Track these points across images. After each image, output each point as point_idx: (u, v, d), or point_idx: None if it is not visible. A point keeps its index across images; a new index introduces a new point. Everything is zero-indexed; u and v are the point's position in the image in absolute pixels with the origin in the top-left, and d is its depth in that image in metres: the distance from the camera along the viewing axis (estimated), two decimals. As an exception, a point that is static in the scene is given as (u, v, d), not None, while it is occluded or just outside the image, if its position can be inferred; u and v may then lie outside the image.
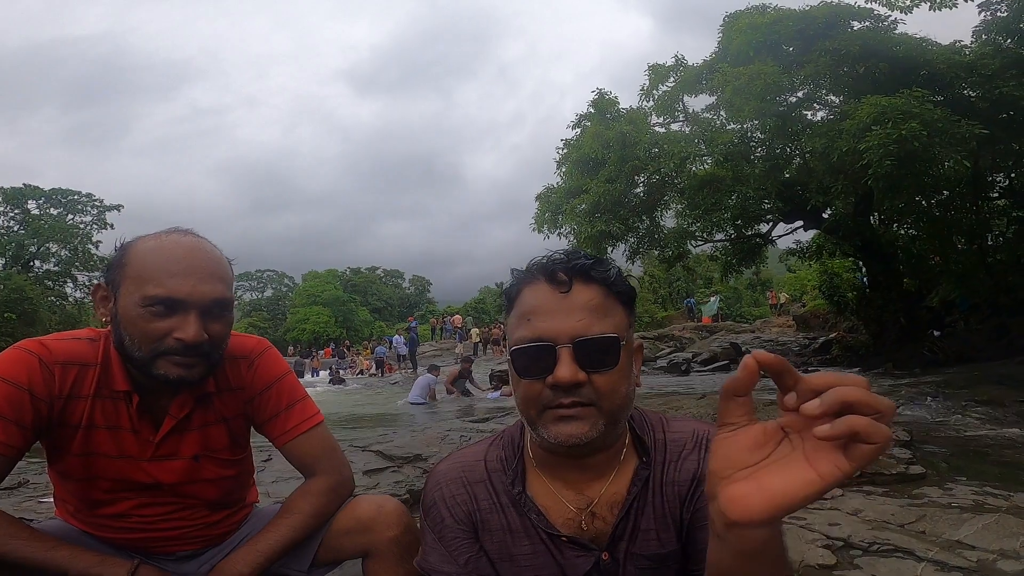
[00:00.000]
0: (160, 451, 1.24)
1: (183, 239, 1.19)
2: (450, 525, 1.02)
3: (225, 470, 1.33)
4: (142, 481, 1.24)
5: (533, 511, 0.98)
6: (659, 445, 1.00)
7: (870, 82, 10.24)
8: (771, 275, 39.42)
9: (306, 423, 1.34)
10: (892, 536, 2.48)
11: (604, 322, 0.89)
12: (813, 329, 18.71)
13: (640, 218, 13.53)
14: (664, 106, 13.50)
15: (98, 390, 1.20)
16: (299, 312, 53.29)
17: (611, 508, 0.96)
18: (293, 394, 1.35)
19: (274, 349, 1.39)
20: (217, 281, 1.17)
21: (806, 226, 14.02)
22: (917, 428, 4.67)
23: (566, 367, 0.86)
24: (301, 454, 1.34)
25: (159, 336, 1.12)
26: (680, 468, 0.97)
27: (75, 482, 1.25)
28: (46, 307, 32.78)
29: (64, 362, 1.19)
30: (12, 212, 38.88)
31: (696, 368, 15.21)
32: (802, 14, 11.55)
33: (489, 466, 1.04)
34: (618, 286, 0.93)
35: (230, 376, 1.30)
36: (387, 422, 6.69)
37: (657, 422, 1.03)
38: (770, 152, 12.42)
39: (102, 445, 1.21)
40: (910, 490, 3.08)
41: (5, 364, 1.16)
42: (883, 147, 8.44)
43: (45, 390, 1.16)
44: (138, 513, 1.26)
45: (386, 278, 72.74)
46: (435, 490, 1.05)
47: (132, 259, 1.16)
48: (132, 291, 1.13)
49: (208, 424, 1.28)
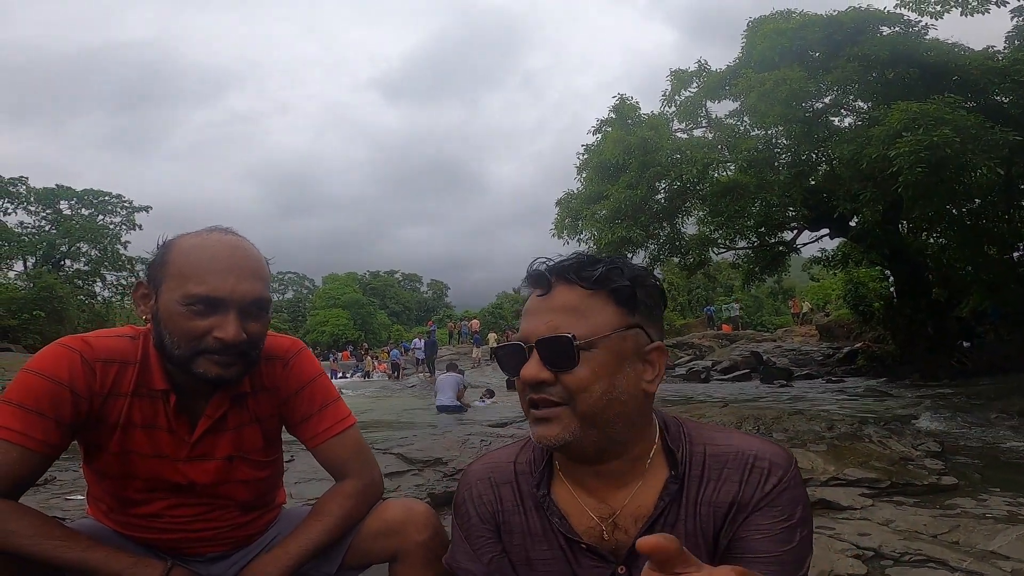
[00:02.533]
0: (195, 451, 1.24)
1: (224, 237, 1.19)
2: (476, 524, 1.03)
3: (258, 471, 1.32)
4: (176, 481, 1.24)
5: (556, 515, 0.97)
6: (696, 459, 0.94)
7: (900, 88, 10.06)
8: (793, 284, 38.83)
9: (339, 425, 1.34)
10: (924, 546, 2.42)
11: (576, 322, 0.88)
12: (837, 339, 18.35)
13: (661, 224, 13.45)
14: (686, 112, 13.43)
15: (136, 388, 1.20)
16: (319, 314, 53.85)
17: (635, 521, 0.93)
18: (327, 395, 1.34)
19: (308, 350, 1.39)
20: (257, 280, 1.17)
21: (832, 234, 13.80)
22: (948, 440, 4.56)
23: (529, 366, 0.89)
24: (333, 456, 1.33)
25: (199, 335, 1.12)
26: (719, 488, 0.91)
27: (110, 480, 1.25)
28: (75, 306, 33.60)
29: (105, 359, 1.18)
30: (44, 212, 39.99)
31: (716, 376, 15.02)
32: (829, 19, 11.41)
33: (518, 468, 1.04)
34: (606, 284, 0.90)
35: (265, 376, 1.29)
36: (408, 426, 6.71)
37: (697, 434, 0.97)
38: (795, 158, 12.25)
39: (138, 444, 1.21)
40: (942, 500, 3.01)
41: (46, 360, 1.15)
42: (914, 154, 8.28)
43: (86, 387, 1.16)
44: (171, 513, 1.26)
45: (404, 282, 73.25)
46: (465, 488, 1.06)
47: (174, 257, 1.15)
48: (173, 289, 1.13)
49: (243, 425, 1.28)
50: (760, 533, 0.87)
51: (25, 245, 38.25)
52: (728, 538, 0.90)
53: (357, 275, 62.79)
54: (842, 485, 3.23)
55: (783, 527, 0.87)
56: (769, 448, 0.93)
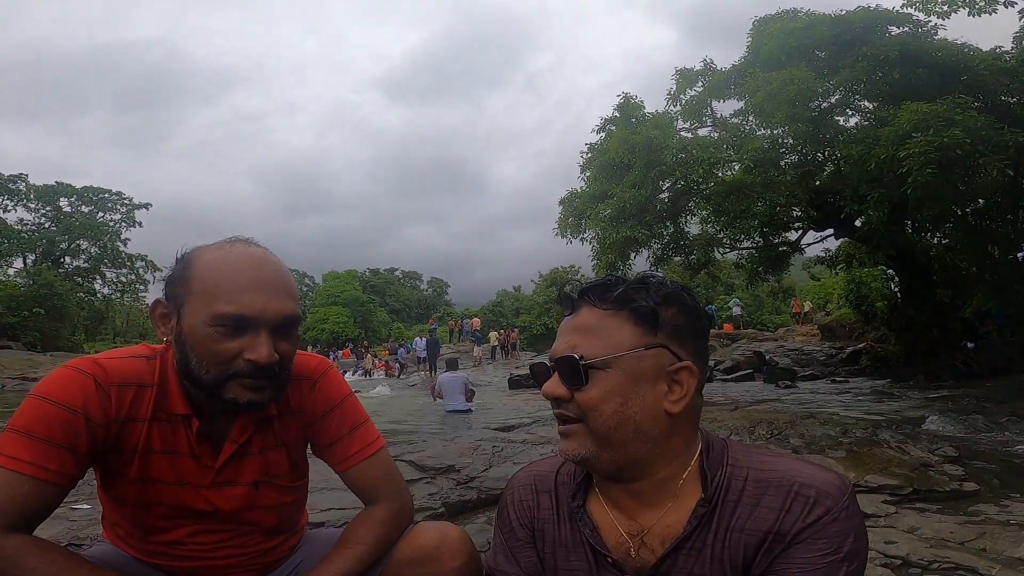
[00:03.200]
0: (220, 477, 1.18)
1: (250, 250, 1.12)
2: (515, 527, 1.07)
3: (284, 496, 1.27)
4: (200, 508, 1.19)
5: (588, 526, 0.98)
6: (735, 484, 0.90)
7: (908, 88, 10.04)
8: (793, 283, 38.84)
9: (369, 448, 1.28)
10: (952, 554, 2.40)
11: (592, 342, 0.91)
12: (839, 339, 18.35)
13: (665, 224, 13.42)
14: (691, 111, 13.39)
15: (155, 413, 1.14)
16: (319, 312, 53.77)
17: (662, 541, 0.92)
18: (356, 417, 1.29)
19: (336, 369, 1.33)
20: (288, 297, 1.10)
21: (837, 234, 13.79)
22: (962, 444, 4.54)
23: (549, 382, 0.94)
24: (363, 480, 1.28)
25: (229, 357, 1.05)
26: (754, 515, 0.86)
27: (130, 508, 1.19)
28: (75, 303, 33.60)
29: (120, 383, 1.11)
30: (44, 209, 39.92)
31: (719, 376, 15.01)
32: (836, 19, 11.37)
33: (559, 479, 1.06)
34: (627, 303, 0.91)
35: (291, 398, 1.23)
36: (416, 430, 6.68)
37: (744, 458, 0.93)
38: (802, 158, 12.23)
39: (160, 471, 1.15)
40: (965, 507, 2.99)
41: (57, 386, 1.07)
42: (924, 155, 8.27)
43: (101, 414, 1.08)
44: (193, 540, 1.21)
45: (404, 279, 73.19)
46: (509, 493, 1.11)
47: (197, 273, 1.08)
48: (199, 309, 1.06)
49: (268, 449, 1.23)
50: (798, 567, 0.82)
51: (25, 242, 38.22)
52: (761, 569, 0.85)
53: (357, 273, 62.69)
54: (864, 492, 3.21)
55: (826, 562, 0.81)
56: (821, 475, 0.87)
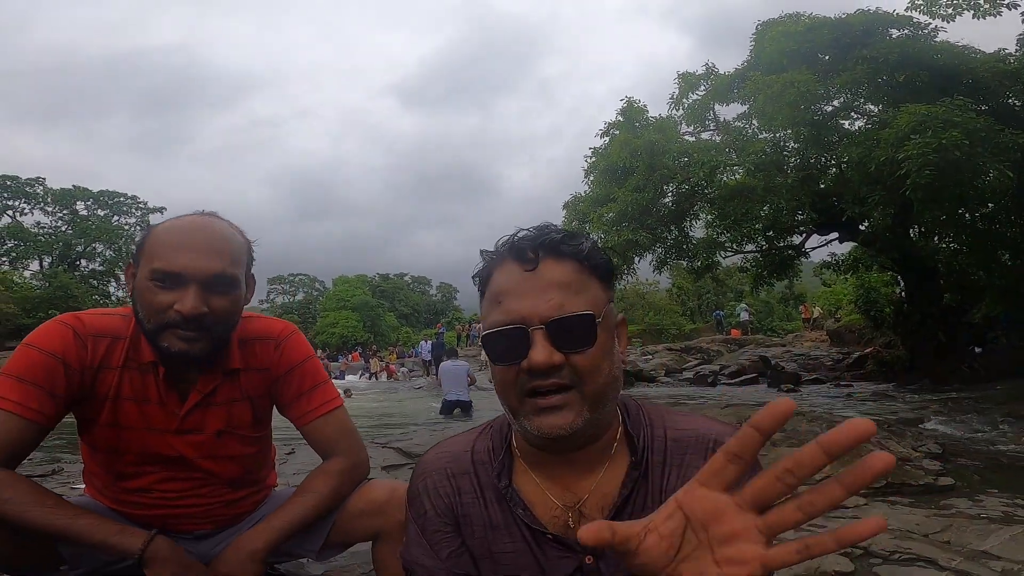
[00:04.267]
0: (185, 424, 1.28)
1: (196, 219, 1.24)
2: (432, 518, 0.98)
3: (246, 447, 1.36)
4: (166, 454, 1.28)
5: (520, 505, 0.93)
6: (657, 444, 0.92)
7: (910, 91, 9.97)
8: (805, 289, 38.47)
9: (326, 406, 1.37)
10: (914, 545, 2.40)
11: (578, 299, 0.84)
12: (848, 344, 18.16)
13: (668, 228, 13.38)
14: (694, 115, 13.38)
15: (127, 362, 1.25)
16: (329, 316, 54.15)
17: (600, 509, 0.90)
18: (316, 377, 1.39)
19: (300, 334, 1.43)
20: (217, 256, 1.19)
21: (841, 238, 13.67)
22: (950, 442, 4.51)
23: (540, 350, 0.81)
24: (320, 435, 1.37)
25: (162, 308, 1.16)
26: (683, 475, 0.89)
27: (103, 453, 1.29)
28: (90, 305, 34.06)
29: (96, 334, 1.24)
30: (61, 212, 40.59)
31: (724, 380, 14.91)
32: (838, 22, 11.34)
33: (476, 457, 0.99)
34: (592, 259, 0.88)
35: (258, 356, 1.34)
36: (408, 422, 6.73)
37: (658, 418, 0.95)
38: (804, 162, 12.16)
39: (129, 417, 1.25)
40: (938, 501, 2.99)
41: (42, 335, 1.22)
42: (922, 156, 8.19)
43: (78, 360, 1.21)
44: (160, 488, 1.30)
45: (413, 284, 73.45)
46: (420, 480, 1.01)
47: (149, 238, 1.22)
48: (144, 266, 1.19)
49: (234, 400, 1.32)
50: None
51: (42, 245, 38.89)
52: None
53: (367, 277, 63.07)
54: (837, 485, 3.22)
55: None
56: (728, 430, 0.92)
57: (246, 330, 1.31)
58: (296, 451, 3.69)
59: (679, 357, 19.17)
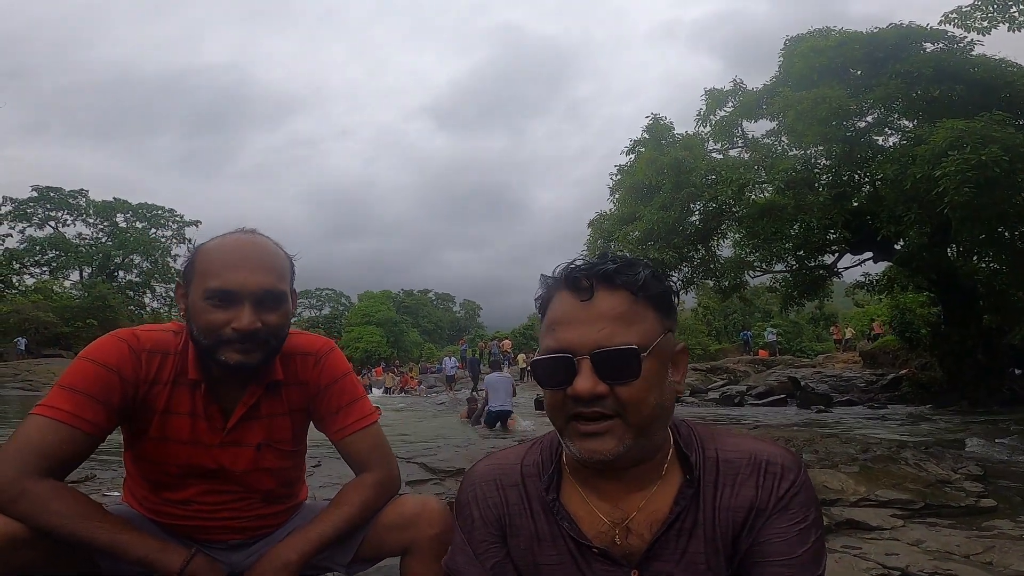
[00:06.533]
0: (228, 438, 1.31)
1: (242, 237, 1.29)
2: (479, 527, 1.00)
3: (283, 461, 1.39)
4: (208, 467, 1.31)
5: (566, 519, 0.95)
6: (709, 464, 0.94)
7: (946, 106, 9.78)
8: (836, 309, 37.58)
9: (363, 420, 1.40)
10: (954, 566, 2.30)
11: (629, 331, 0.86)
12: (881, 365, 17.61)
13: (695, 247, 13.26)
14: (722, 131, 13.29)
15: (175, 377, 1.30)
16: (353, 331, 54.71)
17: (649, 525, 0.92)
18: (353, 392, 1.42)
19: (339, 351, 1.47)
20: (267, 273, 1.24)
21: (876, 258, 13.36)
22: (992, 464, 4.31)
23: (584, 379, 0.85)
24: (355, 449, 1.39)
25: (218, 326, 1.21)
26: (736, 493, 0.91)
27: (147, 463, 1.33)
28: (126, 316, 35.10)
29: (150, 350, 1.29)
30: (101, 224, 42.07)
31: (751, 401, 14.59)
32: (870, 37, 11.21)
33: (525, 470, 1.01)
34: (648, 289, 0.89)
35: (298, 370, 1.38)
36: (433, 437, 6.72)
37: (709, 439, 0.97)
38: (836, 179, 11.95)
39: (176, 430, 1.30)
40: (979, 522, 2.85)
41: (99, 349, 1.26)
42: (960, 173, 8.01)
43: (133, 374, 1.25)
44: (200, 500, 1.33)
45: (437, 301, 73.90)
46: (469, 490, 1.04)
47: (199, 257, 1.27)
48: (197, 286, 1.23)
49: (275, 415, 1.36)
50: (779, 536, 0.88)
51: (82, 256, 40.31)
52: (748, 543, 0.90)
53: (391, 293, 63.70)
54: (872, 506, 3.09)
55: (799, 528, 0.89)
56: (779, 451, 0.94)
57: (288, 345, 1.35)
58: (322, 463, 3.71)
59: (705, 377, 18.85)
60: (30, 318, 28.31)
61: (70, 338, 30.30)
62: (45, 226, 40.17)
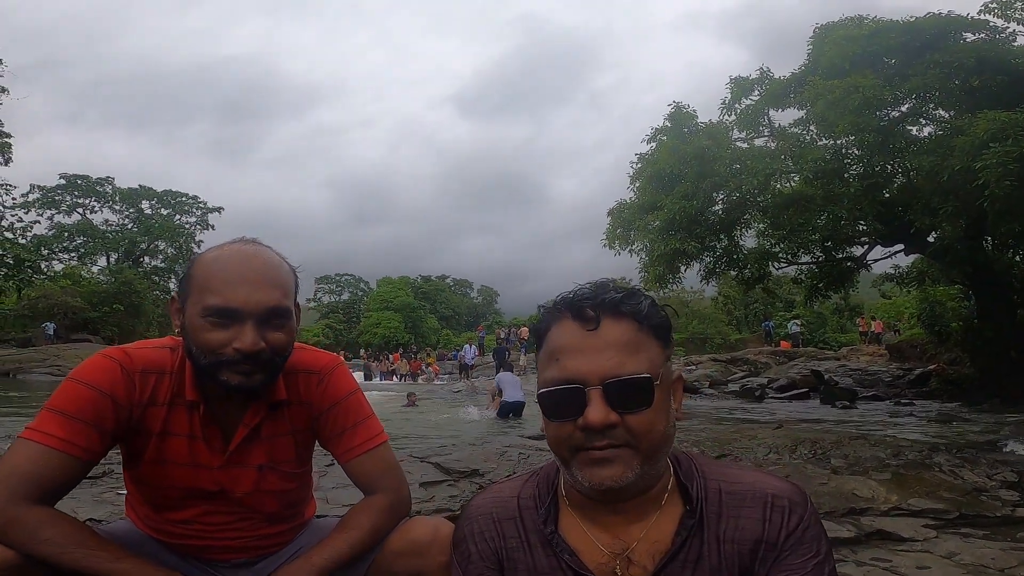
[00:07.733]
0: (230, 460, 1.27)
1: (243, 248, 1.21)
2: (476, 562, 0.99)
3: (287, 483, 1.34)
4: (209, 489, 1.27)
5: (566, 551, 0.93)
6: (712, 496, 0.93)
7: (986, 96, 9.43)
8: (861, 301, 36.85)
9: (370, 442, 1.34)
10: (993, 584, 2.23)
11: (637, 359, 0.86)
12: (909, 360, 17.19)
13: (718, 237, 13.02)
14: (747, 120, 12.98)
15: (172, 398, 1.24)
16: (372, 316, 55.21)
17: (651, 556, 0.91)
18: (360, 413, 1.36)
19: (345, 367, 1.40)
20: (272, 289, 1.17)
21: (908, 250, 13.02)
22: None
23: (597, 410, 0.84)
24: (363, 472, 1.34)
25: (218, 346, 1.14)
26: (739, 525, 0.91)
27: (147, 487, 1.30)
28: (150, 301, 35.84)
29: (143, 370, 1.22)
30: (127, 210, 42.89)
31: (771, 395, 14.41)
32: (906, 26, 10.83)
33: (522, 503, 1.01)
34: (651, 319, 0.89)
35: (301, 390, 1.32)
36: (448, 433, 6.74)
37: (710, 470, 0.97)
38: (868, 170, 11.61)
39: (175, 453, 1.25)
40: (1015, 533, 2.78)
41: (89, 370, 1.19)
42: (1002, 166, 7.75)
43: (126, 396, 1.19)
44: (202, 521, 1.29)
45: (455, 287, 74.13)
46: (466, 525, 1.03)
47: (196, 271, 1.18)
48: (195, 302, 1.16)
49: (277, 435, 1.31)
50: (796, 572, 0.88)
51: (109, 242, 41.16)
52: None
53: (409, 279, 64.03)
54: (904, 515, 3.03)
55: (815, 563, 0.89)
56: (785, 486, 0.94)
57: (291, 361, 1.28)
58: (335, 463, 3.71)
59: (725, 368, 18.63)
60: (59, 303, 28.96)
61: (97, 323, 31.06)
62: (73, 213, 41.05)
